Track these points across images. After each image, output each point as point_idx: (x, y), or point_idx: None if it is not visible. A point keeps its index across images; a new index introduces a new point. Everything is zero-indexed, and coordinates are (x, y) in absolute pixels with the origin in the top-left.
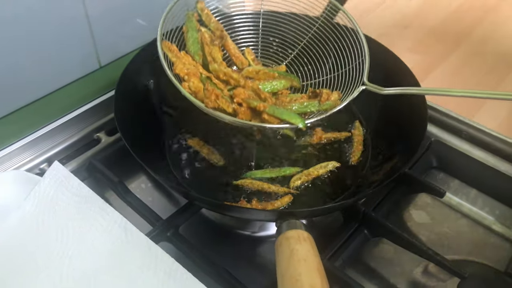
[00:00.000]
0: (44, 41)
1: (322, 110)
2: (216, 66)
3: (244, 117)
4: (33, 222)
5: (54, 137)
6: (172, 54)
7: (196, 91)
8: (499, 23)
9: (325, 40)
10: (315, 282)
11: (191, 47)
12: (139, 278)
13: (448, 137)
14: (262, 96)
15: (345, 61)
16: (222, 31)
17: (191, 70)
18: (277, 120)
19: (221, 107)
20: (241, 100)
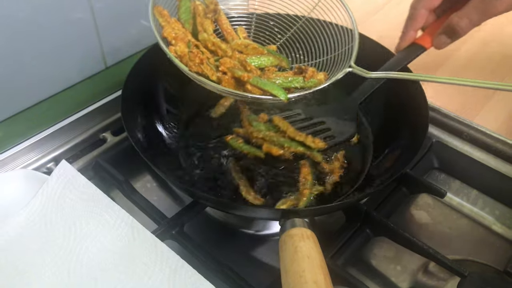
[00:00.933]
0: (51, 42)
1: (307, 87)
2: (205, 35)
3: (228, 86)
4: (41, 219)
5: (60, 137)
6: (163, 19)
7: (181, 55)
8: (502, 24)
9: (318, 25)
10: (318, 278)
11: (182, 15)
12: (145, 274)
13: (449, 138)
14: (248, 68)
15: (336, 46)
16: (216, 5)
17: (179, 35)
18: (260, 92)
19: (205, 73)
20: (226, 69)
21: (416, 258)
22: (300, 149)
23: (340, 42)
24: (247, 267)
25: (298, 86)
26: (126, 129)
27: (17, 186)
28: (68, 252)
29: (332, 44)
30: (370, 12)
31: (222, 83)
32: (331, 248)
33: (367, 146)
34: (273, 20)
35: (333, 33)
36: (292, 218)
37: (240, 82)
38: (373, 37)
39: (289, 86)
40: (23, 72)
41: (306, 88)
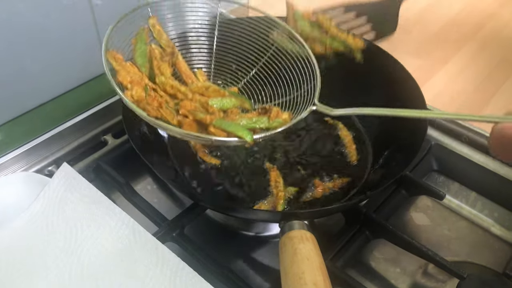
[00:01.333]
0: (53, 46)
1: (272, 127)
2: (163, 79)
3: (190, 129)
4: (43, 222)
5: (62, 140)
6: (117, 63)
7: (139, 100)
8: (499, 28)
9: (278, 64)
10: (318, 280)
11: (138, 58)
12: (146, 276)
13: (448, 140)
14: (210, 110)
15: (299, 84)
16: (173, 48)
17: (135, 79)
18: (224, 134)
19: (164, 117)
20: (187, 112)
21: (415, 260)
22: (340, 48)
23: (303, 81)
24: (247, 269)
25: (263, 127)
26: (127, 132)
27: (19, 189)
28: (69, 254)
29: (295, 83)
30: None
31: (183, 127)
32: (330, 250)
33: (367, 149)
34: (234, 61)
35: (295, 72)
36: (291, 220)
37: (203, 125)
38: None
39: (254, 127)
40: (25, 75)
41: (271, 128)
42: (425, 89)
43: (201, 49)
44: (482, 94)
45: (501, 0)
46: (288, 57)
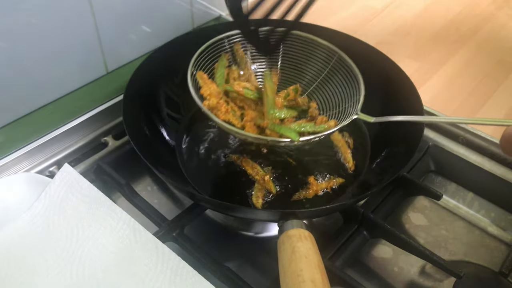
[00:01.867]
0: (54, 48)
1: (317, 131)
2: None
3: (250, 131)
4: (44, 222)
5: (62, 141)
6: (202, 81)
7: (212, 107)
8: (496, 30)
9: (332, 83)
10: (316, 277)
11: (217, 79)
12: (146, 275)
13: (445, 141)
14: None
15: (346, 99)
16: (249, 69)
17: (213, 93)
18: (277, 135)
19: (231, 121)
20: (249, 119)
21: (412, 260)
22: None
23: (349, 96)
24: (246, 269)
25: (310, 131)
26: (128, 133)
27: (20, 189)
28: (70, 254)
29: (342, 99)
30: (368, 18)
31: (246, 129)
32: (329, 249)
33: (365, 150)
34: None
35: (343, 89)
36: (290, 219)
37: (261, 129)
38: (371, 43)
39: (301, 131)
40: (26, 77)
41: (317, 132)
42: (422, 91)
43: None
44: (479, 96)
45: (498, 3)
46: (339, 77)
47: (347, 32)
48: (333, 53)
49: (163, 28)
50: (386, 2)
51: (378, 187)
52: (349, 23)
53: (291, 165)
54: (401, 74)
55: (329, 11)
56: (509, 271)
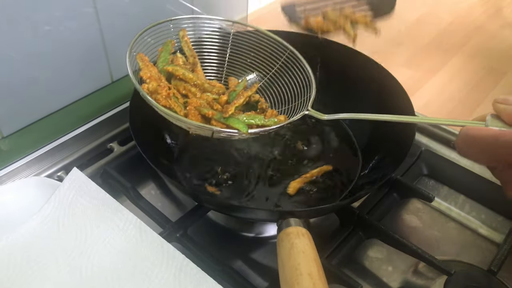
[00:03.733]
0: (62, 58)
1: (267, 124)
2: (177, 80)
3: (194, 119)
4: (54, 223)
5: (70, 147)
6: (143, 63)
7: (152, 91)
8: (486, 39)
9: (282, 78)
10: (312, 271)
11: (160, 64)
12: (152, 273)
13: (438, 146)
14: (214, 107)
15: (297, 95)
16: (195, 57)
17: (154, 76)
18: (224, 126)
19: (172, 107)
20: (193, 107)
21: (406, 259)
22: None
23: (302, 92)
24: (248, 268)
25: (259, 123)
26: (134, 138)
27: (31, 192)
28: (80, 253)
29: (295, 94)
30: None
31: (189, 117)
32: (326, 249)
33: (358, 154)
34: (242, 73)
35: (296, 84)
36: (288, 218)
37: (206, 118)
38: (366, 52)
39: (251, 123)
40: (35, 86)
41: (266, 125)
42: (415, 98)
43: (213, 60)
44: (469, 103)
45: (489, 13)
46: (290, 72)
47: (342, 42)
48: (284, 48)
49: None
50: None
51: (372, 188)
52: None
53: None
54: (394, 82)
55: None
56: (498, 269)
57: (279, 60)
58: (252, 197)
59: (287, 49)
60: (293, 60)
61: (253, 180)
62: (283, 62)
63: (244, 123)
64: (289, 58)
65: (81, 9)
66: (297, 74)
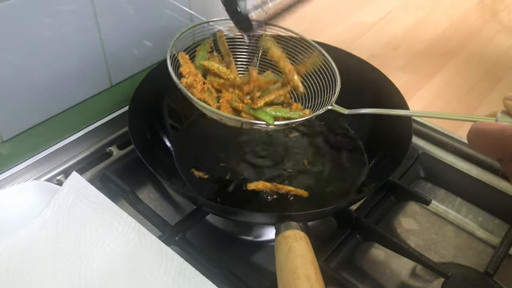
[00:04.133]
0: (62, 62)
1: (292, 117)
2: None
3: (226, 111)
4: (53, 227)
5: (69, 151)
6: (183, 60)
7: (189, 85)
8: (483, 44)
9: (310, 76)
10: (310, 273)
11: (197, 62)
12: (151, 276)
13: (435, 150)
14: (245, 101)
15: (323, 92)
16: (229, 56)
17: (192, 72)
18: (252, 118)
19: (206, 100)
20: (225, 101)
21: (404, 262)
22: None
23: (326, 89)
24: (246, 271)
25: (285, 116)
26: (133, 142)
27: (31, 196)
28: (79, 257)
29: (320, 91)
30: (360, 33)
31: (221, 109)
32: (324, 252)
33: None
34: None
35: (322, 82)
36: (286, 221)
37: (237, 111)
38: (363, 57)
39: (276, 115)
40: (35, 90)
41: (291, 118)
42: (412, 102)
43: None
44: (465, 107)
45: (485, 18)
46: (318, 72)
47: (340, 47)
48: (313, 48)
49: (165, 43)
50: (378, 17)
51: (368, 191)
52: (342, 38)
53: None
54: (391, 86)
55: (323, 26)
56: (494, 271)
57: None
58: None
59: (315, 49)
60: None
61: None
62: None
63: (271, 115)
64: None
65: (80, 13)
66: (323, 72)
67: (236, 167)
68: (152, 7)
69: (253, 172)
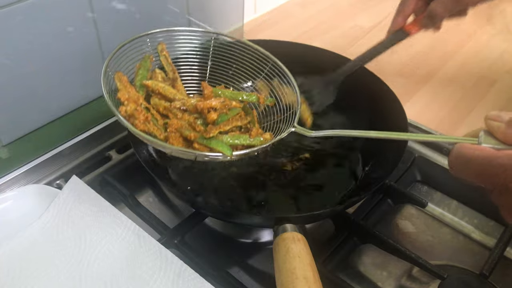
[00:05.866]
0: (62, 67)
1: (252, 144)
2: (156, 100)
3: (175, 143)
4: (53, 230)
5: (69, 155)
6: (121, 83)
7: (130, 115)
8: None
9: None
10: (308, 275)
11: (138, 82)
12: (151, 279)
13: (431, 153)
14: (197, 129)
15: (283, 109)
16: (174, 72)
17: (132, 97)
18: (207, 149)
19: (151, 131)
20: (174, 129)
21: (400, 264)
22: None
23: (287, 106)
24: (244, 274)
25: (245, 143)
26: (133, 146)
27: (30, 200)
28: (79, 260)
29: (280, 108)
30: (356, 37)
31: (169, 141)
32: (322, 254)
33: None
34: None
35: (280, 98)
36: (284, 224)
37: (189, 141)
38: None
39: (235, 144)
40: (35, 95)
41: (251, 145)
42: (408, 106)
43: (194, 73)
44: (461, 110)
45: (480, 22)
46: (274, 85)
47: (336, 51)
48: (267, 59)
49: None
50: (374, 22)
51: (365, 194)
52: (338, 42)
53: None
54: (387, 90)
55: (319, 31)
56: (490, 272)
57: (262, 71)
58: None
59: (270, 60)
60: (277, 73)
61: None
62: (267, 73)
63: (227, 145)
64: (273, 70)
65: (79, 18)
66: (281, 86)
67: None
68: (152, 11)
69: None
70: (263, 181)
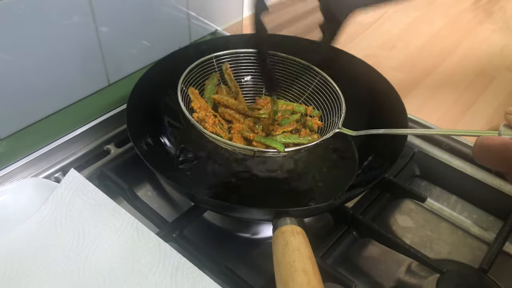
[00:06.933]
0: (60, 61)
1: (301, 143)
2: (222, 108)
3: (238, 142)
4: (52, 224)
5: (67, 149)
6: (193, 96)
7: (201, 119)
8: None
9: (316, 100)
10: (307, 268)
11: (207, 95)
12: (149, 272)
13: (430, 148)
14: (255, 131)
15: (329, 115)
16: (236, 87)
17: (203, 106)
18: (264, 147)
19: (218, 133)
20: (237, 131)
21: (399, 258)
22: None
23: (332, 112)
24: (243, 268)
25: (295, 142)
26: (132, 139)
27: (29, 194)
28: (77, 253)
29: (326, 114)
30: (356, 32)
31: (233, 139)
32: (321, 249)
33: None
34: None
35: (328, 105)
36: (283, 217)
37: (248, 141)
38: (359, 56)
39: (286, 142)
40: (33, 88)
41: (301, 144)
42: (407, 101)
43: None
44: (461, 105)
45: (480, 17)
46: (322, 95)
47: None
48: (316, 73)
49: (162, 42)
50: (374, 17)
51: (365, 188)
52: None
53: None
54: (387, 85)
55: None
56: (489, 267)
57: (311, 84)
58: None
59: (318, 74)
60: (324, 83)
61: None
62: (315, 85)
63: (281, 143)
64: (321, 82)
65: (78, 12)
66: (327, 96)
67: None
68: (150, 5)
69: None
70: (262, 175)
